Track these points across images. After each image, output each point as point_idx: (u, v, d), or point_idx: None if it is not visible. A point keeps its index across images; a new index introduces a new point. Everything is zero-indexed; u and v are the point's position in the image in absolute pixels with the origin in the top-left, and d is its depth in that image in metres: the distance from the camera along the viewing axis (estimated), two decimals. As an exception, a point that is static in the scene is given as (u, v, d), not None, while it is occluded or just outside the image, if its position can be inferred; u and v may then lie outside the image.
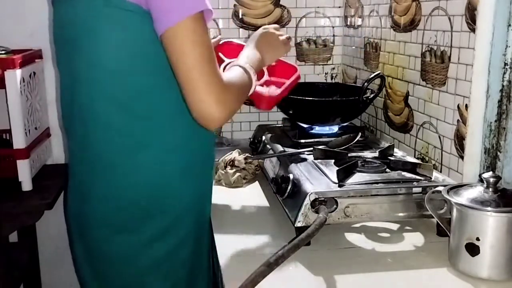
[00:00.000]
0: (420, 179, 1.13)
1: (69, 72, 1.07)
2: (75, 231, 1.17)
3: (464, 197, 0.95)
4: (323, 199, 1.05)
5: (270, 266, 0.83)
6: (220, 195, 1.37)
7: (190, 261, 1.15)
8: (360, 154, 1.29)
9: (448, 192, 0.98)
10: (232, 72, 1.07)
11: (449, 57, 1.23)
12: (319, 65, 1.98)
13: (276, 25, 1.33)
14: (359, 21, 1.79)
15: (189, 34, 0.93)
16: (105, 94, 1.02)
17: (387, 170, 1.18)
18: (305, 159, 1.29)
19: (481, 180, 1.00)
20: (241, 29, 1.88)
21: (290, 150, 1.37)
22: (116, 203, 1.07)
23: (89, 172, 1.09)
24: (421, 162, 1.24)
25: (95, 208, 1.09)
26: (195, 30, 0.93)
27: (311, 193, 1.05)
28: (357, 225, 1.16)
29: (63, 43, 1.07)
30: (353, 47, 1.86)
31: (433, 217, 1.05)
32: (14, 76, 1.57)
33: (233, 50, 1.27)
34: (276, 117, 1.91)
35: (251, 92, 1.11)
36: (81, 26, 1.01)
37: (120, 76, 1.01)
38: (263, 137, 1.57)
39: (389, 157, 1.24)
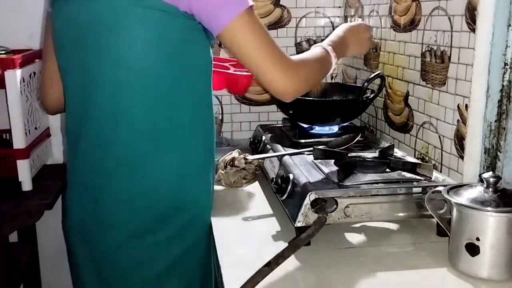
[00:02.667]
0: (420, 179, 1.13)
1: (84, 72, 1.04)
2: (78, 237, 1.13)
3: (464, 197, 0.95)
4: (323, 199, 1.05)
5: (270, 266, 0.84)
6: (220, 195, 1.38)
7: (204, 260, 1.16)
8: (360, 154, 1.29)
9: (448, 192, 0.98)
10: (309, 52, 1.18)
11: (449, 57, 1.23)
12: (319, 65, 1.97)
13: (368, 25, 1.41)
14: (359, 21, 1.79)
15: (249, 27, 1.00)
16: (130, 94, 1.01)
17: (387, 170, 1.18)
18: (305, 159, 1.29)
19: (481, 180, 1.00)
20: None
21: (290, 150, 1.37)
22: (131, 206, 1.06)
23: (103, 174, 1.06)
24: (421, 162, 1.24)
25: (109, 212, 1.07)
26: (253, 22, 1.01)
27: (311, 193, 1.05)
28: (357, 225, 1.16)
29: (73, 42, 1.04)
30: (353, 47, 1.86)
31: (433, 217, 1.05)
32: (14, 76, 1.57)
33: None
34: (276, 117, 1.91)
35: (330, 71, 1.20)
36: (103, 25, 0.98)
37: (146, 76, 1.00)
38: (263, 137, 1.57)
39: (389, 157, 1.24)
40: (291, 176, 1.17)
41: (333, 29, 1.93)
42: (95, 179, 1.08)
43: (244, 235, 1.14)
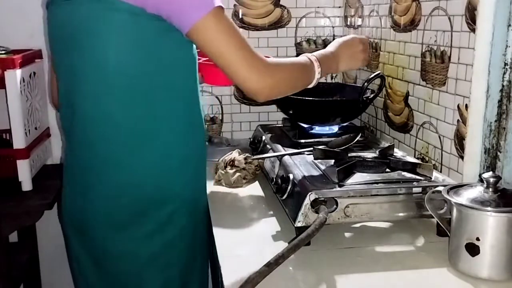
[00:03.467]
0: (420, 179, 1.13)
1: (69, 72, 1.08)
2: (74, 231, 1.18)
3: (464, 197, 0.95)
4: (323, 199, 1.05)
5: (270, 266, 0.84)
6: (220, 195, 1.38)
7: (185, 254, 1.17)
8: (360, 154, 1.29)
9: (448, 192, 0.98)
10: (292, 58, 1.19)
11: (449, 57, 1.23)
12: (319, 65, 1.97)
13: (366, 38, 1.38)
14: (359, 21, 1.79)
15: (219, 26, 1.00)
16: (108, 94, 1.04)
17: (387, 170, 1.18)
18: (305, 159, 1.29)
19: (481, 180, 1.00)
20: (241, 29, 1.87)
21: (290, 150, 1.37)
22: (118, 200, 1.09)
23: (91, 171, 1.11)
24: (421, 162, 1.24)
25: (96, 207, 1.11)
26: (223, 21, 1.01)
27: (311, 193, 1.05)
28: (357, 225, 1.16)
29: (62, 43, 1.08)
30: (353, 47, 1.86)
31: (433, 217, 1.05)
32: (14, 76, 1.57)
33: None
34: (276, 117, 1.91)
35: (312, 84, 1.18)
36: (82, 28, 1.03)
37: (123, 77, 1.03)
38: (263, 137, 1.57)
39: (389, 157, 1.24)
40: (291, 176, 1.17)
41: (333, 29, 1.96)
42: (84, 175, 1.13)
43: (244, 235, 1.14)
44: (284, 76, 1.10)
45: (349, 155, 1.25)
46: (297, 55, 1.94)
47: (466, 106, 1.17)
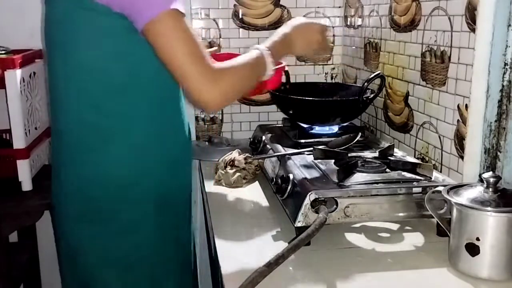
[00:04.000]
0: (420, 179, 1.13)
1: (51, 70, 1.12)
2: (54, 224, 1.21)
3: (464, 197, 0.95)
4: (323, 199, 1.05)
5: (270, 266, 0.84)
6: (220, 195, 1.38)
7: (150, 260, 1.14)
8: (360, 154, 1.29)
9: (448, 192, 0.98)
10: (241, 57, 1.11)
11: (449, 57, 1.23)
12: (319, 65, 1.98)
13: (324, 26, 1.32)
14: (359, 21, 1.79)
15: (171, 28, 0.97)
16: (79, 91, 1.06)
17: (387, 170, 1.18)
18: (305, 159, 1.29)
19: (481, 180, 1.00)
20: (241, 29, 1.88)
21: (290, 150, 1.37)
22: (85, 195, 1.10)
23: (64, 165, 1.13)
24: (421, 162, 1.24)
25: (67, 201, 1.13)
26: (177, 24, 0.97)
27: (311, 193, 1.05)
28: (357, 225, 1.16)
29: (48, 41, 1.12)
30: (353, 47, 1.86)
31: (433, 217, 1.05)
32: (14, 76, 1.57)
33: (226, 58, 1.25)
34: (276, 117, 1.91)
35: (266, 75, 1.14)
36: (59, 26, 1.06)
37: (93, 74, 1.04)
38: (263, 137, 1.57)
39: (389, 157, 1.24)
40: (291, 176, 1.17)
41: (333, 29, 1.96)
42: (56, 166, 1.16)
43: (244, 235, 1.14)
44: (234, 84, 1.05)
45: (349, 155, 1.25)
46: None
47: (466, 106, 1.17)
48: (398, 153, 1.34)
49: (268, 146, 1.49)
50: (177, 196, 1.19)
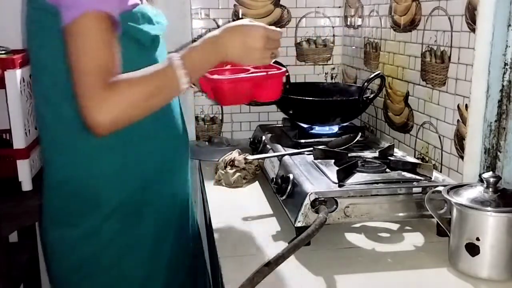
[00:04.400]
0: (420, 179, 1.13)
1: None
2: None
3: (464, 197, 0.95)
4: (323, 199, 1.05)
5: (270, 266, 0.83)
6: (220, 195, 1.38)
7: (111, 268, 1.08)
8: (360, 154, 1.29)
9: (448, 192, 0.98)
10: (146, 69, 0.96)
11: (449, 57, 1.23)
12: (319, 65, 1.98)
13: (270, 28, 1.06)
14: (359, 21, 1.79)
15: (80, 33, 0.90)
16: (40, 92, 1.06)
17: (387, 170, 1.18)
18: (305, 159, 1.29)
19: (481, 180, 1.00)
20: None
21: (290, 150, 1.37)
22: (57, 194, 1.09)
23: (44, 161, 1.13)
24: (421, 162, 1.24)
25: (44, 200, 1.13)
26: (89, 27, 0.89)
27: (311, 193, 1.05)
28: (357, 225, 1.16)
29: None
30: (353, 47, 1.86)
31: (433, 217, 1.05)
32: (14, 76, 1.57)
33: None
34: (276, 117, 1.91)
35: (179, 90, 0.98)
36: (24, 27, 1.06)
37: (50, 76, 1.02)
38: (263, 137, 1.57)
39: (389, 157, 1.24)
40: (291, 176, 1.17)
41: (333, 29, 1.97)
42: (44, 165, 1.15)
43: (244, 235, 1.14)
44: (127, 101, 0.91)
45: (349, 155, 1.25)
46: (297, 55, 1.95)
47: (466, 106, 1.17)
48: (398, 153, 1.34)
49: (268, 146, 1.49)
50: (153, 204, 1.09)
